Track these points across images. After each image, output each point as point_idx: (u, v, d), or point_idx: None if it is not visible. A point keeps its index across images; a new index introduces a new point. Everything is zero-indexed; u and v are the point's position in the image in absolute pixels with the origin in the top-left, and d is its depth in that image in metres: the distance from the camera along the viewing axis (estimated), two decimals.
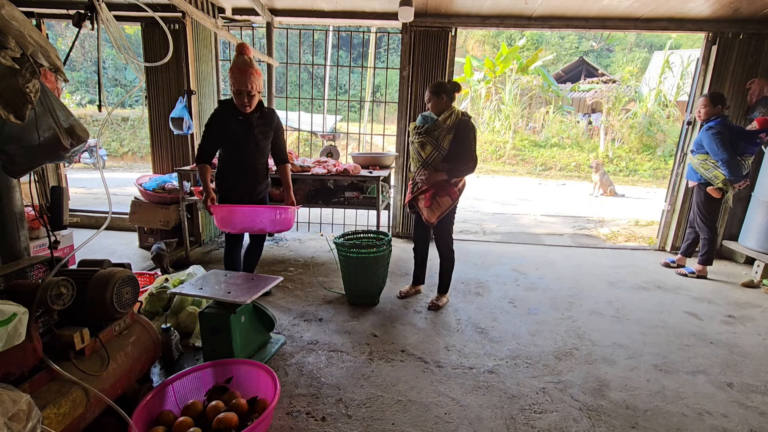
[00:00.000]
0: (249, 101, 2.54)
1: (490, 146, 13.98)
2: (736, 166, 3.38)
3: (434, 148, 2.71)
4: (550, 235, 5.51)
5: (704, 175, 3.57)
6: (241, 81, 2.48)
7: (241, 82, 2.49)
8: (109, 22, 1.76)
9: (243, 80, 2.48)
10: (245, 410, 1.73)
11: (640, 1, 3.66)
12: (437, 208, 2.82)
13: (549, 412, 1.98)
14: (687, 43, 16.99)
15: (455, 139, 2.70)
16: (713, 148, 3.43)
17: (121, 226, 4.63)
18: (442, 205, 2.80)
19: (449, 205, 2.82)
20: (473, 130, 2.72)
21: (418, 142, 2.76)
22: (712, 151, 3.44)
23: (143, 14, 4.01)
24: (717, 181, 3.49)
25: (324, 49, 11.88)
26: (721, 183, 3.48)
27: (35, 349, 1.36)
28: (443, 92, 2.70)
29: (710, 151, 3.47)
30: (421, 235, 3.12)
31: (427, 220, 2.87)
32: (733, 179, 3.43)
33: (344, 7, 4.19)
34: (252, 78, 2.50)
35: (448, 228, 2.94)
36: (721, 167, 3.42)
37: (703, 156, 3.56)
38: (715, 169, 3.48)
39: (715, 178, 3.50)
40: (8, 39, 1.21)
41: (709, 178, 3.53)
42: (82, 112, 13.28)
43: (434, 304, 3.02)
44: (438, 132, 2.69)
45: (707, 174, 3.54)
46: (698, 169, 3.62)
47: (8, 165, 1.48)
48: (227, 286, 2.28)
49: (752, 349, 2.60)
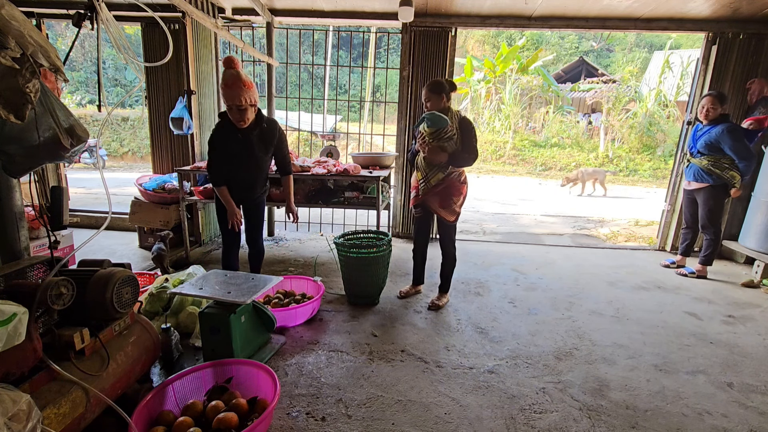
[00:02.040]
0: (242, 116, 2.47)
1: (490, 146, 13.97)
2: (753, 165, 3.41)
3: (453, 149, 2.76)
4: (550, 235, 5.51)
5: (720, 176, 3.48)
6: (230, 96, 2.42)
7: (230, 98, 2.42)
8: (109, 22, 1.76)
9: (232, 95, 2.41)
10: (245, 410, 1.73)
11: (640, 1, 3.66)
12: (454, 207, 2.89)
13: (549, 412, 1.98)
14: (687, 43, 16.99)
15: (462, 136, 2.77)
16: (740, 149, 3.35)
17: (121, 226, 4.63)
18: (457, 203, 2.89)
19: (462, 203, 2.93)
20: (474, 126, 2.82)
21: (439, 146, 2.75)
22: (738, 150, 3.35)
23: (143, 14, 4.01)
24: (734, 181, 3.45)
25: (324, 49, 11.88)
26: (738, 182, 3.45)
27: (35, 349, 1.36)
28: (443, 91, 2.73)
29: (735, 152, 3.37)
30: (421, 235, 3.13)
31: (446, 219, 2.91)
32: (747, 179, 3.46)
33: (344, 7, 4.19)
34: (241, 92, 2.41)
35: (454, 227, 2.99)
36: (741, 165, 3.39)
37: (715, 157, 3.48)
38: (732, 169, 3.43)
39: (732, 178, 3.45)
40: (8, 39, 1.21)
41: (727, 178, 3.46)
42: (82, 112, 13.28)
43: (434, 304, 3.03)
44: (451, 132, 2.73)
45: (724, 174, 3.47)
46: (711, 171, 3.51)
47: (8, 165, 1.48)
48: (227, 286, 2.28)
49: (752, 349, 2.60)
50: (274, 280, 2.43)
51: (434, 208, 2.92)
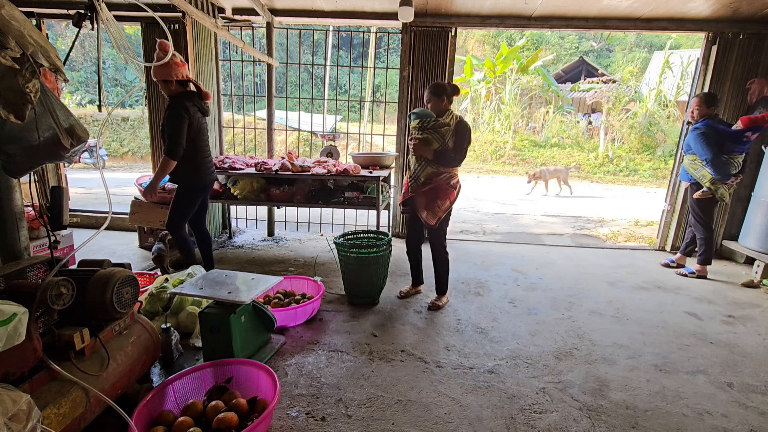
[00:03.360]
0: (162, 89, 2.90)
1: (490, 146, 13.97)
2: (721, 165, 3.46)
3: (440, 145, 2.77)
4: (550, 235, 5.51)
5: (693, 174, 3.65)
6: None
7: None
8: (109, 22, 1.76)
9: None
10: (245, 410, 1.73)
11: (640, 1, 3.66)
12: (437, 210, 2.85)
13: (549, 412, 1.98)
14: (687, 43, 16.98)
15: (456, 137, 2.79)
16: (699, 149, 3.52)
17: (121, 226, 4.63)
18: (442, 207, 2.85)
19: (447, 208, 2.87)
20: (470, 130, 2.83)
21: (423, 138, 2.78)
22: (698, 151, 3.54)
23: (143, 14, 4.00)
24: (705, 181, 3.56)
25: (324, 49, 11.88)
26: (709, 182, 3.54)
27: (35, 349, 1.36)
28: (444, 94, 2.76)
29: (696, 152, 3.56)
30: (413, 237, 3.14)
31: (426, 222, 2.89)
32: (720, 178, 3.49)
33: (344, 7, 4.19)
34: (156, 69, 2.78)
35: (443, 229, 2.97)
36: (707, 167, 3.50)
37: (692, 156, 3.64)
38: (703, 169, 3.56)
39: (703, 178, 3.57)
40: (8, 39, 1.21)
41: (698, 177, 3.61)
42: (82, 112, 13.29)
43: (434, 305, 3.03)
44: (444, 130, 2.76)
45: (696, 174, 3.62)
46: (688, 170, 3.70)
47: (8, 165, 1.48)
48: (227, 286, 2.28)
49: (752, 349, 2.60)
50: (274, 280, 2.43)
51: (419, 209, 2.90)
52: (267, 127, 4.73)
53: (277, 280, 2.44)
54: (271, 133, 4.74)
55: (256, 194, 3.99)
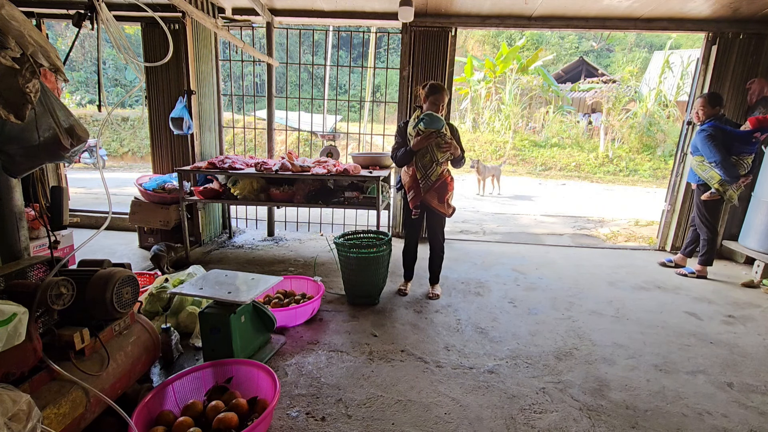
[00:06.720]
0: None
1: (490, 146, 13.96)
2: (730, 167, 3.43)
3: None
4: (550, 235, 5.51)
5: (702, 176, 3.63)
6: None
7: None
8: (109, 22, 1.76)
9: None
10: (245, 410, 1.73)
11: (640, 1, 3.66)
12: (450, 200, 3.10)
13: (549, 412, 1.98)
14: (687, 43, 16.98)
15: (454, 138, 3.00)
16: (706, 151, 3.49)
17: (121, 226, 4.63)
18: (449, 199, 3.11)
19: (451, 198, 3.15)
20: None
21: (435, 143, 2.90)
22: (706, 153, 3.51)
23: (143, 14, 4.00)
24: (713, 182, 3.54)
25: (324, 49, 11.88)
26: (717, 183, 3.53)
27: (35, 349, 1.36)
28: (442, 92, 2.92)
29: (704, 154, 3.53)
30: (413, 236, 3.26)
31: (443, 213, 3.09)
32: (729, 180, 3.46)
33: (344, 7, 4.19)
34: None
35: (443, 222, 3.19)
36: (716, 168, 3.48)
37: (700, 158, 3.61)
38: (711, 170, 3.53)
39: (711, 179, 3.55)
40: (8, 39, 1.21)
41: (706, 179, 3.59)
42: (82, 112, 13.28)
43: (435, 295, 3.20)
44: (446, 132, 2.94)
45: (704, 175, 3.60)
46: (696, 171, 3.68)
47: (8, 165, 1.48)
48: (227, 286, 2.28)
49: (752, 349, 2.60)
50: (274, 280, 2.43)
51: (433, 205, 3.05)
52: (267, 127, 4.73)
53: (277, 280, 2.44)
54: (271, 133, 4.74)
55: (256, 194, 3.98)
